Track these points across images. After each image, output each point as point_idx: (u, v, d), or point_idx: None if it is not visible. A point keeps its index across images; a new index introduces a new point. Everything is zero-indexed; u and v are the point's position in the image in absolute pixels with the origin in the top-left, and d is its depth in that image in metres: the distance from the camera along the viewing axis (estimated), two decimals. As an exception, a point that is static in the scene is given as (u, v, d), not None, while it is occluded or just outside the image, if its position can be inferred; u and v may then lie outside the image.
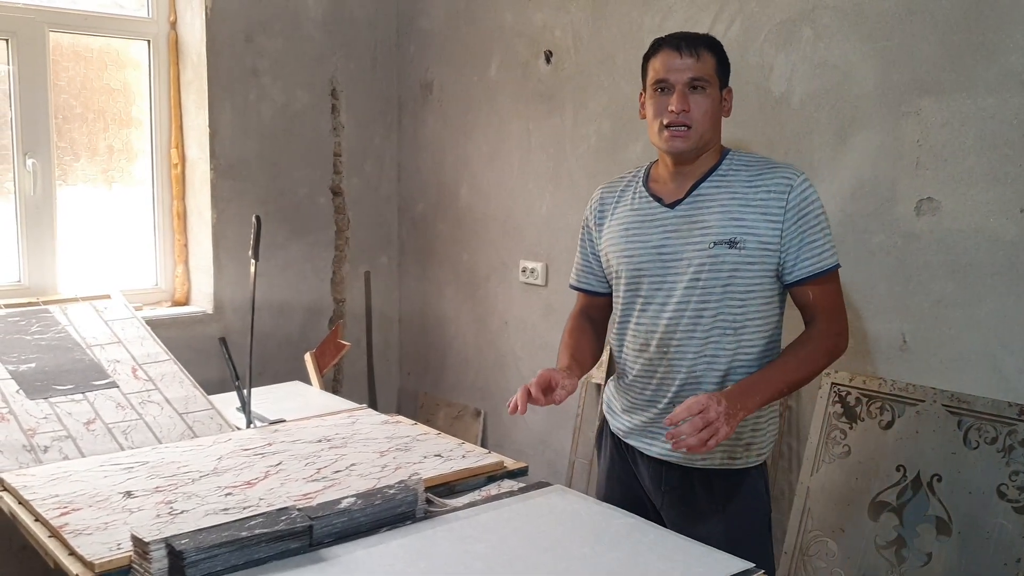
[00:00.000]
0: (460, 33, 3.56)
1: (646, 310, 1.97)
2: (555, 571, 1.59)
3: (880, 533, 2.30)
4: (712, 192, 1.91)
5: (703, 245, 1.88)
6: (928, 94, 2.23)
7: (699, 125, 1.88)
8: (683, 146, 1.89)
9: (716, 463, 1.94)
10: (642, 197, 2.00)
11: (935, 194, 2.24)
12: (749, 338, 1.91)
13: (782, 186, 1.86)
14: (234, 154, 3.42)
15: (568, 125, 3.16)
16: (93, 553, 1.61)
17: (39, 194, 3.18)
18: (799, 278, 1.87)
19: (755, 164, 1.93)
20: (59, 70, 3.23)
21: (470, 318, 3.64)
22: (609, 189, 2.11)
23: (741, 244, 1.86)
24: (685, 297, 1.90)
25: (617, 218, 2.03)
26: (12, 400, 2.40)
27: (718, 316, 1.89)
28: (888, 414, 2.33)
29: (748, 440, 1.95)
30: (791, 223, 1.85)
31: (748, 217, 1.87)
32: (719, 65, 1.92)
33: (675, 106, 1.86)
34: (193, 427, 2.44)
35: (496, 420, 3.56)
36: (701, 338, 1.90)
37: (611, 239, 2.03)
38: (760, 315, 1.91)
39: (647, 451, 2.01)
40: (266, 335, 3.52)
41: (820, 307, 1.89)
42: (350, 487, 1.94)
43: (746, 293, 1.88)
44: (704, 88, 1.89)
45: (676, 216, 1.93)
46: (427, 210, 3.79)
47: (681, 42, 1.89)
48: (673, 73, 1.88)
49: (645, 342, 1.97)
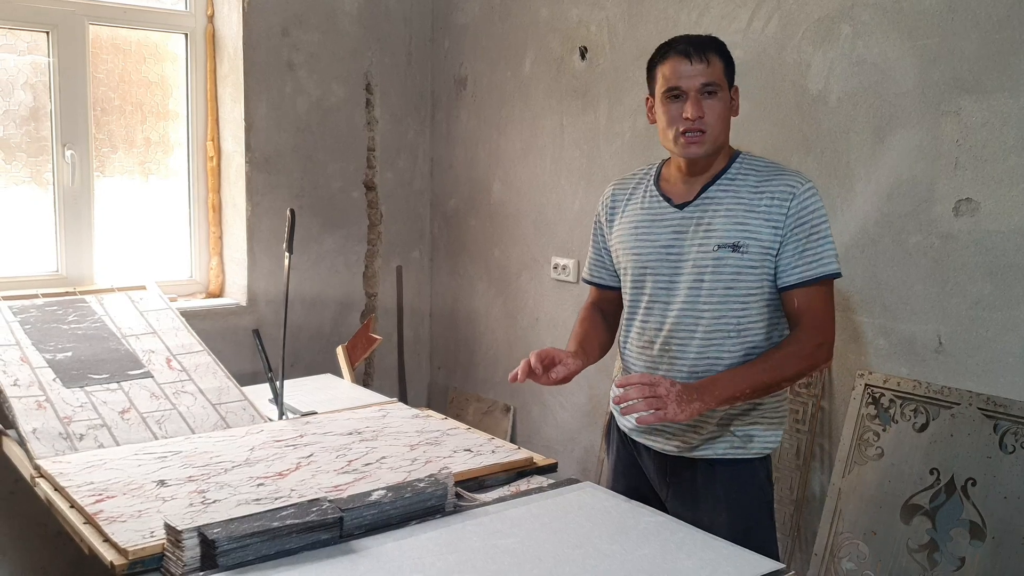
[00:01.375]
0: (494, 28, 3.56)
1: (651, 308, 1.99)
2: (583, 567, 1.59)
3: (912, 536, 2.27)
4: (720, 195, 1.93)
5: (708, 247, 1.91)
6: (968, 93, 2.20)
7: (713, 130, 1.90)
8: (699, 151, 1.91)
9: (720, 453, 1.97)
10: (653, 196, 2.03)
11: (974, 195, 2.21)
12: (751, 341, 1.92)
13: (785, 193, 1.88)
14: (269, 147, 3.45)
15: (602, 121, 3.15)
16: (127, 540, 1.63)
17: (77, 185, 3.22)
18: (786, 284, 1.89)
19: (764, 169, 1.94)
20: (98, 63, 3.27)
21: (501, 314, 3.64)
22: (621, 186, 2.13)
23: (744, 248, 1.88)
24: (689, 298, 1.93)
25: (628, 216, 2.06)
26: (49, 388, 2.43)
27: (720, 318, 1.91)
28: (922, 416, 2.30)
29: (749, 433, 1.97)
30: (790, 229, 1.87)
31: (752, 222, 1.89)
32: (726, 67, 1.93)
33: (691, 114, 1.87)
34: (226, 418, 2.46)
35: (526, 416, 3.56)
36: (703, 339, 1.92)
37: (621, 236, 2.06)
38: (762, 319, 1.93)
39: (651, 446, 2.04)
40: (298, 328, 3.54)
41: (804, 315, 1.89)
42: (380, 480, 1.95)
43: (748, 296, 1.90)
44: (716, 92, 1.89)
45: (684, 217, 1.95)
46: (459, 205, 3.80)
47: (690, 48, 1.90)
48: (685, 80, 1.88)
49: (649, 340, 2.00)
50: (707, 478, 1.99)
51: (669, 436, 2.00)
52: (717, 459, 1.97)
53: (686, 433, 1.98)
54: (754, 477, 1.99)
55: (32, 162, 3.16)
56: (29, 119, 3.13)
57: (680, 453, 2.00)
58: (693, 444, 1.97)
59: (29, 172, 3.16)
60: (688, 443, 1.98)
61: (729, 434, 1.97)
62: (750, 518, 1.97)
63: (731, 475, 1.98)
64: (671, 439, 2.00)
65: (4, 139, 3.10)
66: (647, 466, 2.09)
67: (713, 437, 1.96)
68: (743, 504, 1.98)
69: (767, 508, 2.02)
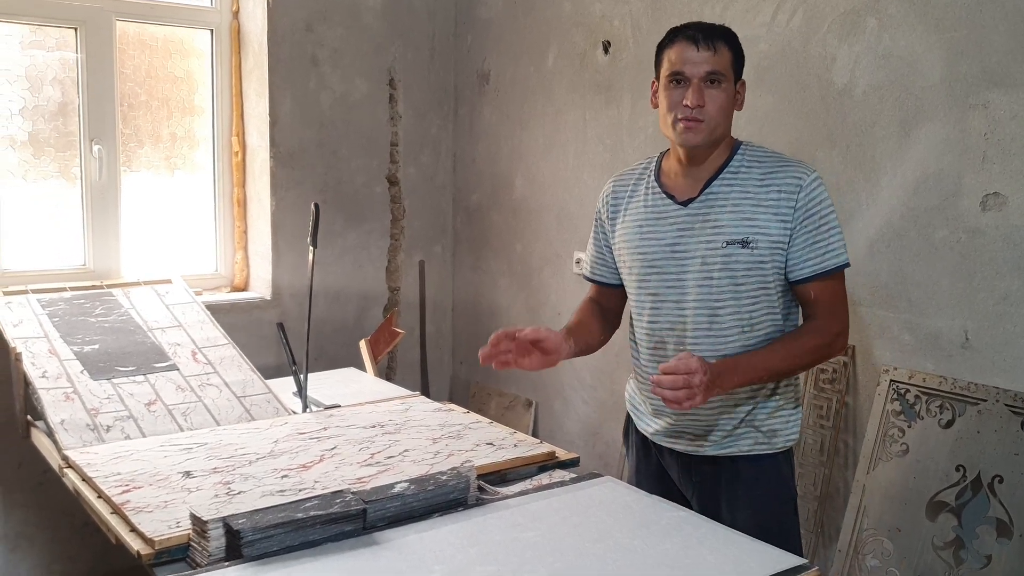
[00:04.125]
0: (518, 23, 3.55)
1: (660, 308, 1.97)
2: (605, 561, 1.59)
3: (938, 533, 2.25)
4: (724, 190, 1.91)
5: (716, 244, 1.88)
6: (997, 86, 2.18)
7: (712, 120, 1.86)
8: (695, 139, 1.87)
9: (744, 450, 1.96)
10: (655, 193, 1.99)
11: (1002, 189, 2.19)
12: (766, 332, 1.92)
13: (792, 186, 1.86)
14: (293, 142, 3.46)
15: (625, 116, 3.14)
16: (153, 530, 1.64)
17: (104, 180, 3.25)
18: (801, 277, 1.88)
19: (767, 160, 1.92)
20: (125, 58, 3.30)
21: (523, 308, 3.64)
22: (621, 182, 2.10)
23: (753, 244, 1.86)
24: (700, 296, 1.91)
25: (631, 214, 2.03)
26: (76, 380, 2.46)
27: (733, 315, 1.90)
28: (948, 413, 2.28)
29: (773, 428, 1.96)
30: (799, 222, 1.86)
31: (760, 217, 1.87)
32: (735, 59, 1.90)
33: (691, 101, 1.84)
34: (250, 410, 2.48)
35: (547, 411, 3.56)
36: (718, 337, 1.91)
37: (625, 236, 2.03)
38: (775, 311, 1.92)
39: (674, 448, 2.03)
40: (322, 321, 3.56)
41: (820, 306, 1.89)
42: (403, 472, 1.96)
43: (759, 291, 1.89)
44: (720, 82, 1.86)
45: (689, 214, 1.93)
46: (482, 200, 3.80)
47: (698, 34, 1.86)
48: (689, 66, 1.85)
49: (661, 340, 1.98)
50: (731, 475, 1.98)
51: (692, 438, 1.99)
52: (741, 456, 1.97)
53: (709, 433, 1.97)
54: (778, 472, 1.99)
55: (60, 157, 3.20)
56: (57, 114, 3.17)
57: (703, 452, 1.98)
58: (717, 442, 1.97)
59: (57, 167, 3.20)
60: (712, 441, 1.97)
61: (753, 430, 1.96)
62: (775, 514, 1.96)
63: (755, 472, 1.97)
64: (695, 440, 1.99)
65: (33, 134, 3.13)
66: (670, 466, 2.07)
67: (736, 434, 1.96)
68: (767, 500, 1.97)
69: (791, 503, 2.02)
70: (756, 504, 1.95)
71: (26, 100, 3.11)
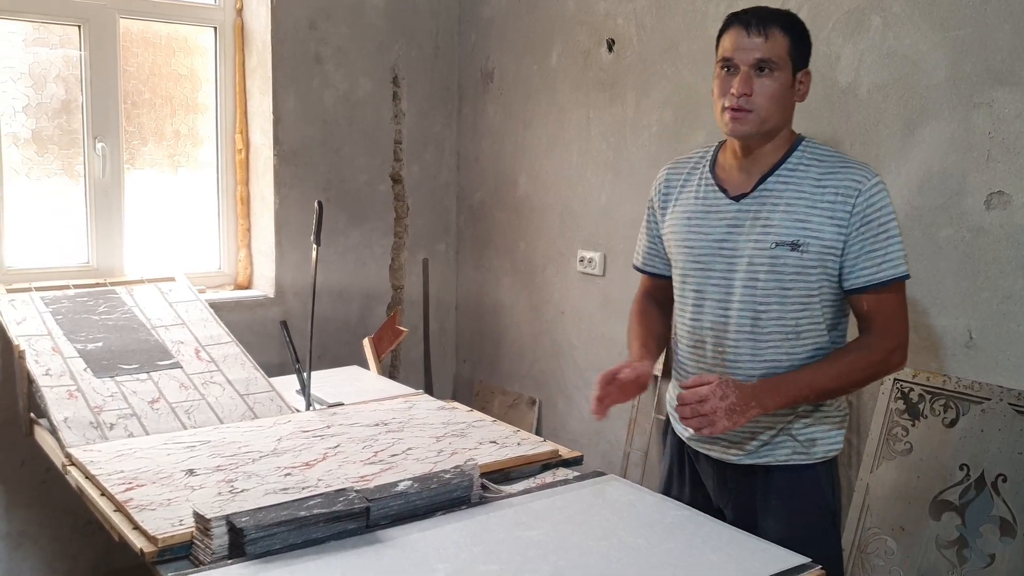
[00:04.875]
0: (521, 21, 3.55)
1: (701, 306, 1.90)
2: (608, 560, 1.59)
3: (941, 532, 2.25)
4: (779, 188, 1.82)
5: (764, 244, 1.80)
6: (1002, 85, 2.17)
7: (761, 110, 1.77)
8: (742, 130, 1.79)
9: (781, 459, 1.88)
10: (708, 184, 1.92)
11: (1006, 187, 2.18)
12: (814, 343, 1.83)
13: (851, 189, 1.76)
14: (297, 140, 3.46)
15: (629, 114, 3.13)
16: (156, 528, 1.65)
17: (108, 177, 3.25)
18: (855, 287, 1.79)
19: (827, 160, 1.82)
20: (128, 56, 3.30)
21: (527, 307, 3.64)
22: (676, 170, 2.02)
23: (804, 247, 1.77)
24: (744, 297, 1.83)
25: (681, 204, 1.95)
26: (80, 378, 2.46)
27: (778, 320, 1.81)
28: (952, 412, 2.28)
29: (812, 437, 1.88)
30: (855, 228, 1.76)
31: (813, 219, 1.77)
32: (793, 45, 1.80)
33: (736, 89, 1.77)
34: (254, 408, 2.48)
35: (551, 409, 3.56)
36: (760, 342, 1.83)
37: (673, 226, 1.96)
38: (824, 320, 1.83)
39: (710, 454, 1.95)
40: (325, 320, 3.56)
41: (875, 319, 1.79)
42: (407, 471, 1.96)
43: (807, 297, 1.80)
44: (771, 71, 1.77)
45: (740, 210, 1.84)
46: (485, 198, 3.80)
47: (752, 19, 1.78)
48: (739, 53, 1.77)
49: (700, 339, 1.91)
50: (765, 485, 1.90)
51: (727, 445, 1.91)
52: (777, 466, 1.88)
53: (746, 441, 1.89)
54: (816, 484, 1.89)
55: (64, 154, 3.20)
56: (61, 112, 3.17)
57: (739, 460, 1.90)
58: (752, 451, 1.89)
59: (61, 164, 3.20)
60: (747, 450, 1.89)
61: (791, 439, 1.87)
62: (810, 527, 1.86)
63: (791, 482, 1.88)
64: (730, 447, 1.91)
65: (37, 132, 3.13)
66: (705, 474, 2.00)
67: (774, 443, 1.88)
68: (803, 512, 1.88)
69: (829, 516, 1.91)
70: (791, 516, 1.87)
71: (30, 98, 3.11)
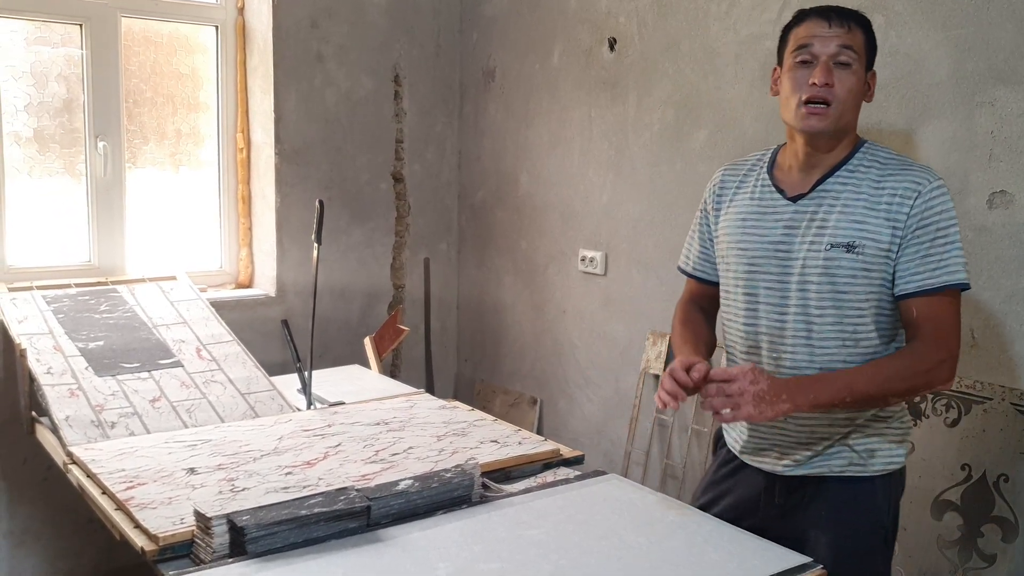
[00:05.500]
0: (523, 20, 3.55)
1: (756, 310, 1.82)
2: (609, 558, 1.59)
3: (943, 532, 2.25)
4: (837, 188, 1.75)
5: (819, 246, 1.73)
6: (1004, 84, 2.17)
7: (841, 104, 1.71)
8: (820, 125, 1.71)
9: (836, 470, 1.79)
10: (764, 186, 1.85)
11: (1008, 187, 2.18)
12: (872, 351, 1.75)
13: (909, 191, 1.69)
14: (298, 139, 3.46)
15: (631, 113, 3.13)
16: (157, 527, 1.65)
17: (109, 176, 3.25)
18: (905, 292, 1.70)
19: (888, 162, 1.75)
20: (130, 55, 3.30)
21: (528, 306, 3.64)
22: (731, 172, 1.95)
23: (859, 249, 1.70)
24: (799, 301, 1.76)
25: (736, 206, 1.89)
26: (81, 377, 2.46)
27: (834, 325, 1.74)
28: (954, 412, 2.27)
29: (870, 447, 1.79)
30: (911, 231, 1.68)
31: (871, 221, 1.70)
32: (867, 44, 1.75)
33: (818, 79, 1.69)
34: (255, 407, 2.48)
35: (552, 409, 3.56)
36: (815, 347, 1.76)
37: (727, 228, 1.89)
38: (882, 327, 1.75)
39: (760, 466, 1.87)
40: (327, 319, 3.56)
41: (924, 326, 1.69)
42: (407, 470, 1.96)
43: (863, 302, 1.72)
44: (851, 64, 1.71)
45: (797, 211, 1.78)
46: (487, 197, 3.80)
47: (831, 12, 1.72)
48: (819, 42, 1.71)
49: (755, 344, 1.84)
50: (816, 496, 1.81)
51: (779, 454, 1.83)
52: (832, 476, 1.79)
53: (798, 450, 1.81)
54: (871, 497, 1.79)
55: (65, 153, 3.20)
56: (63, 111, 3.17)
57: (791, 472, 1.82)
58: (804, 461, 1.80)
59: (62, 163, 3.20)
60: (799, 461, 1.81)
61: (848, 449, 1.79)
62: (858, 541, 1.77)
63: (844, 493, 1.79)
64: (782, 458, 1.83)
65: (38, 130, 3.13)
66: (750, 488, 1.89)
67: (828, 453, 1.79)
68: (852, 525, 1.78)
69: (881, 534, 1.81)
70: (839, 528, 1.77)
71: (31, 96, 3.11)
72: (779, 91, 1.81)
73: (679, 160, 2.97)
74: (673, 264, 2.97)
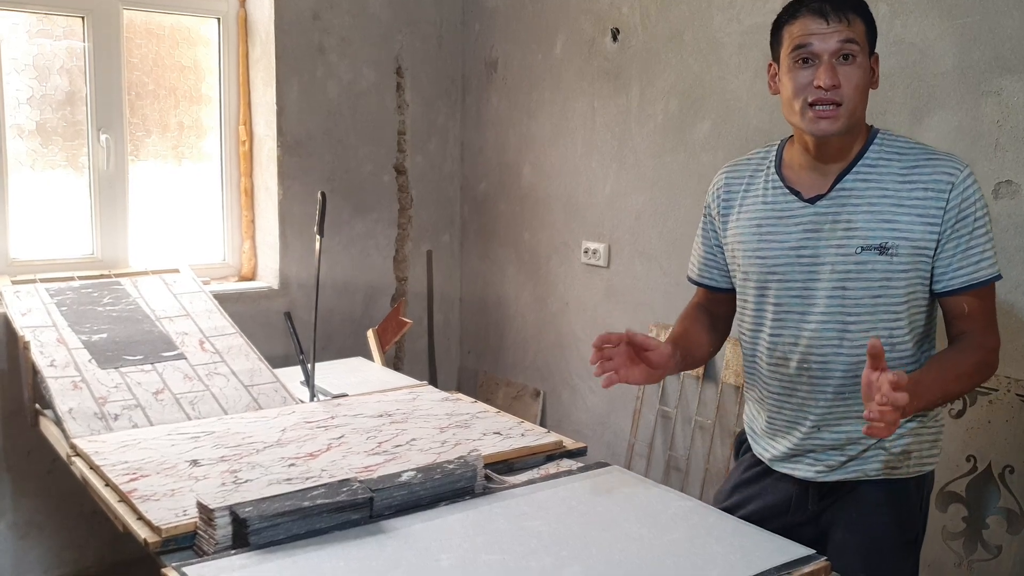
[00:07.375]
0: (525, 11, 3.54)
1: (782, 320, 1.74)
2: (611, 550, 1.58)
3: (948, 523, 2.24)
4: (859, 187, 1.66)
5: (849, 250, 1.65)
6: (1010, 73, 2.16)
7: (850, 102, 1.62)
8: (832, 128, 1.62)
9: (871, 473, 1.74)
10: (776, 187, 1.76)
11: (1015, 177, 2.17)
12: (904, 355, 1.69)
13: (942, 183, 1.61)
14: (300, 131, 3.46)
15: (634, 104, 3.12)
16: (160, 518, 1.64)
17: (112, 169, 3.25)
18: (951, 288, 1.64)
19: (909, 153, 1.67)
20: (132, 47, 3.29)
21: (531, 298, 3.63)
22: (735, 173, 1.85)
23: (893, 250, 1.62)
24: (829, 308, 1.68)
25: (747, 211, 1.79)
26: (84, 369, 2.46)
27: (870, 331, 1.65)
28: (959, 403, 2.27)
29: (906, 448, 1.73)
30: (950, 226, 1.61)
31: (901, 219, 1.62)
32: (868, 29, 1.65)
33: (824, 81, 1.60)
34: (258, 399, 2.48)
35: (555, 401, 3.56)
36: (850, 355, 1.68)
37: (740, 235, 1.79)
38: (916, 328, 1.69)
39: (792, 473, 1.80)
40: (330, 311, 3.56)
41: (977, 320, 1.65)
42: (410, 461, 1.95)
43: (900, 304, 1.65)
44: (854, 57, 1.62)
45: (817, 213, 1.69)
46: (489, 189, 3.79)
47: (826, 5, 1.61)
48: (819, 40, 1.61)
49: (784, 356, 1.75)
50: (848, 497, 1.76)
51: (813, 462, 1.77)
52: (866, 480, 1.74)
53: (832, 456, 1.75)
54: (904, 498, 1.74)
55: (68, 146, 3.19)
56: (65, 103, 3.17)
57: (824, 478, 1.76)
58: (837, 466, 1.74)
59: (65, 156, 3.20)
60: (831, 466, 1.75)
61: (884, 452, 1.72)
62: (882, 541, 1.73)
63: (876, 495, 1.74)
64: (815, 462, 1.76)
65: (41, 123, 3.13)
66: (782, 491, 1.83)
67: (863, 457, 1.73)
68: (880, 525, 1.74)
69: (911, 535, 1.77)
70: (866, 528, 1.73)
71: (34, 89, 3.10)
72: (779, 90, 1.72)
73: (682, 151, 2.96)
74: (676, 256, 2.97)
